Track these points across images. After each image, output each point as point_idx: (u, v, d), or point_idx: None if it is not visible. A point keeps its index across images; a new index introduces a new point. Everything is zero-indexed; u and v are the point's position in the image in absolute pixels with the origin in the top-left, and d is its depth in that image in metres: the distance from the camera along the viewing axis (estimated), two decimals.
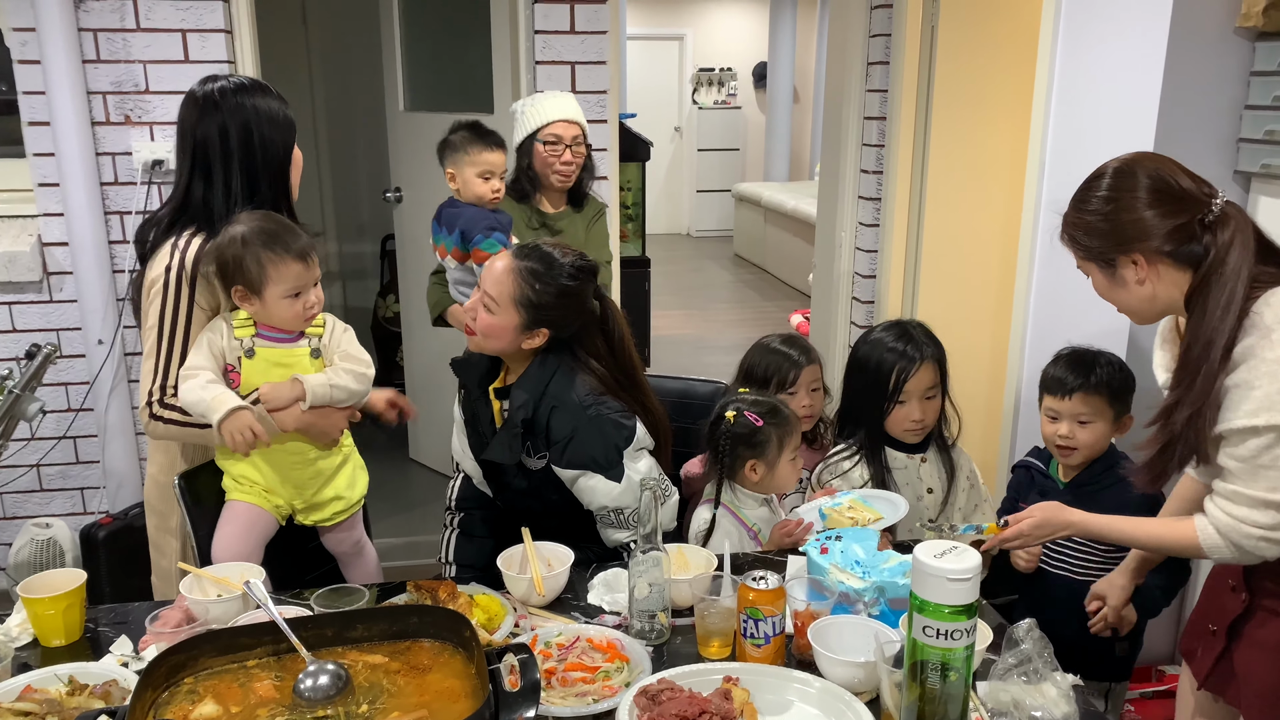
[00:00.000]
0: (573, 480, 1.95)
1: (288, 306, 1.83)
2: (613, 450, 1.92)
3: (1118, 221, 1.54)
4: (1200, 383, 1.47)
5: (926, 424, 2.17)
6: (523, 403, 1.91)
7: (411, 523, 3.58)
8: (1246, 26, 2.19)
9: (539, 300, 1.90)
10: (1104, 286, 1.62)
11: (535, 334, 1.92)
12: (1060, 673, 1.39)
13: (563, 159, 2.70)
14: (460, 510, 2.18)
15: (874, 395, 2.15)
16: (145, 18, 2.86)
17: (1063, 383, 2.08)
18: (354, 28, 4.71)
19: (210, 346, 1.84)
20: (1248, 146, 2.26)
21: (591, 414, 1.91)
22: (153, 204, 2.96)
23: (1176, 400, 1.51)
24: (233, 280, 1.82)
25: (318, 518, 1.98)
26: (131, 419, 3.08)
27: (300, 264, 1.82)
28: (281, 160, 1.97)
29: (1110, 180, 1.56)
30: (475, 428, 2.09)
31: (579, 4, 3.07)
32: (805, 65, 11.13)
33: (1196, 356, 1.48)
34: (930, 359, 2.15)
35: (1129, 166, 1.57)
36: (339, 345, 1.92)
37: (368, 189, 4.92)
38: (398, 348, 4.57)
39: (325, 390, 1.86)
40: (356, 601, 1.61)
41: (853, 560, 1.66)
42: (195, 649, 1.31)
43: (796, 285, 8.00)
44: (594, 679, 1.46)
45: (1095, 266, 1.60)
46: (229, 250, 1.81)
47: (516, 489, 2.03)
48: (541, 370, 1.94)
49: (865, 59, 3.38)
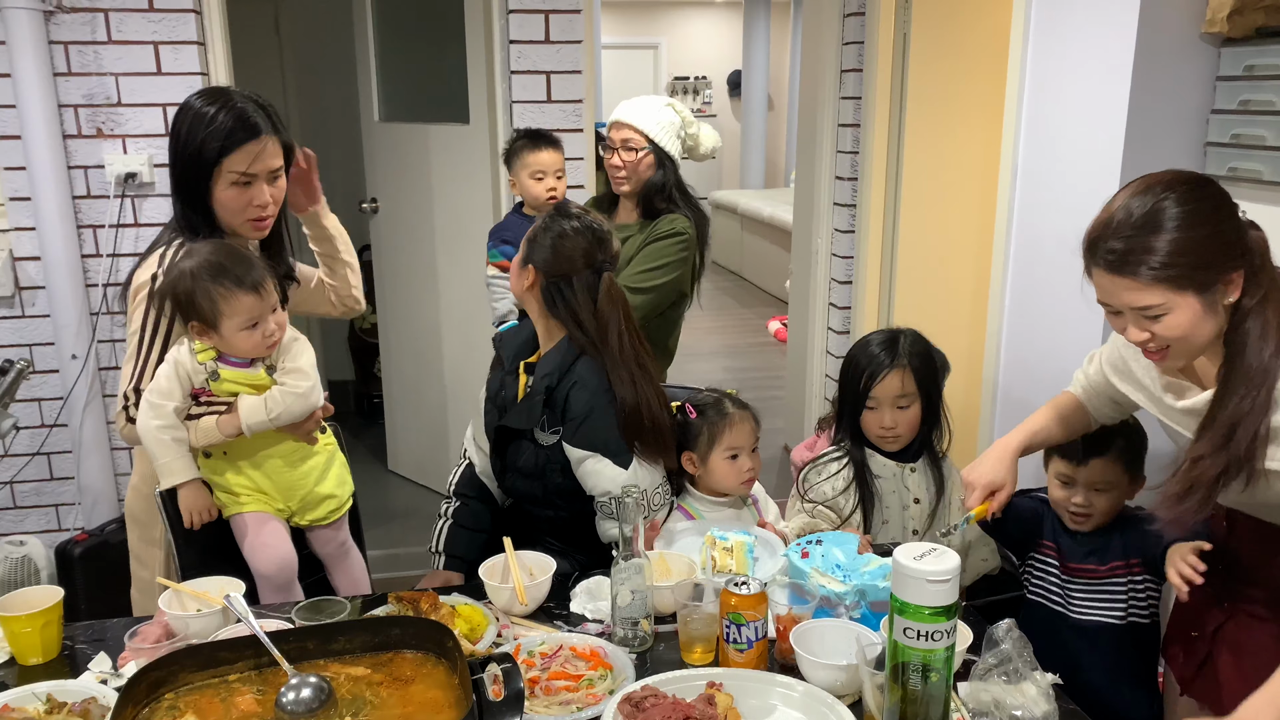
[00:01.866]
0: (580, 461, 1.95)
1: (246, 338, 1.82)
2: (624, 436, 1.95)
3: (1227, 232, 1.38)
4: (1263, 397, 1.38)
5: (899, 433, 2.10)
6: (549, 371, 1.96)
7: (392, 534, 3.56)
8: (1211, 32, 2.23)
9: (538, 234, 2.00)
10: (1195, 317, 1.40)
11: (528, 270, 1.99)
12: (1040, 672, 1.40)
13: (610, 161, 2.70)
14: (457, 498, 2.18)
15: (851, 396, 2.15)
16: (117, 30, 2.84)
17: (1075, 448, 1.89)
18: (328, 39, 4.70)
19: (178, 369, 1.83)
20: (1215, 150, 2.29)
21: (610, 396, 1.95)
22: (126, 218, 2.95)
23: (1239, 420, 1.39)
24: (188, 316, 1.81)
25: (313, 517, 1.99)
26: (107, 434, 3.05)
27: (252, 296, 1.79)
28: (193, 170, 1.87)
29: (1197, 190, 1.40)
30: (499, 404, 2.10)
31: (554, 14, 3.08)
32: (779, 73, 11.20)
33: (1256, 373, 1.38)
34: (905, 367, 2.09)
35: (1193, 176, 1.43)
36: (285, 360, 1.90)
37: (343, 200, 4.87)
38: (375, 359, 4.55)
39: (264, 421, 1.84)
40: (338, 614, 1.60)
41: (833, 564, 1.67)
42: (175, 664, 1.30)
43: (774, 292, 8.04)
44: (578, 687, 1.46)
45: (1192, 295, 1.39)
46: (180, 286, 1.79)
47: (523, 469, 2.04)
48: (569, 349, 1.98)
49: (839, 66, 3.41)
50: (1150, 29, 2.24)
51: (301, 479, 1.95)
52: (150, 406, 1.81)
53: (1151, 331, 1.42)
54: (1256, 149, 2.17)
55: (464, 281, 3.61)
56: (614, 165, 2.69)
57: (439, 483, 3.95)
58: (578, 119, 3.18)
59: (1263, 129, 2.15)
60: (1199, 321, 1.39)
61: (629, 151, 2.67)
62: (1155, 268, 1.37)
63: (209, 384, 1.84)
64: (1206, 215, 1.38)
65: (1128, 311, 1.43)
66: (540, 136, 2.74)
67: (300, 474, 1.95)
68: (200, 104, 1.89)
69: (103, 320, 2.98)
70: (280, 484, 1.94)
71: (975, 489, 1.75)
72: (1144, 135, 2.30)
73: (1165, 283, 1.37)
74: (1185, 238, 1.36)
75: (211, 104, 1.88)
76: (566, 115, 3.14)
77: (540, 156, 2.68)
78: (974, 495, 1.75)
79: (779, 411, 4.42)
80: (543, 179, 2.68)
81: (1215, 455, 1.41)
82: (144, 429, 1.82)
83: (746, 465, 1.99)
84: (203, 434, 1.85)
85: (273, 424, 1.85)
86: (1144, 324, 1.42)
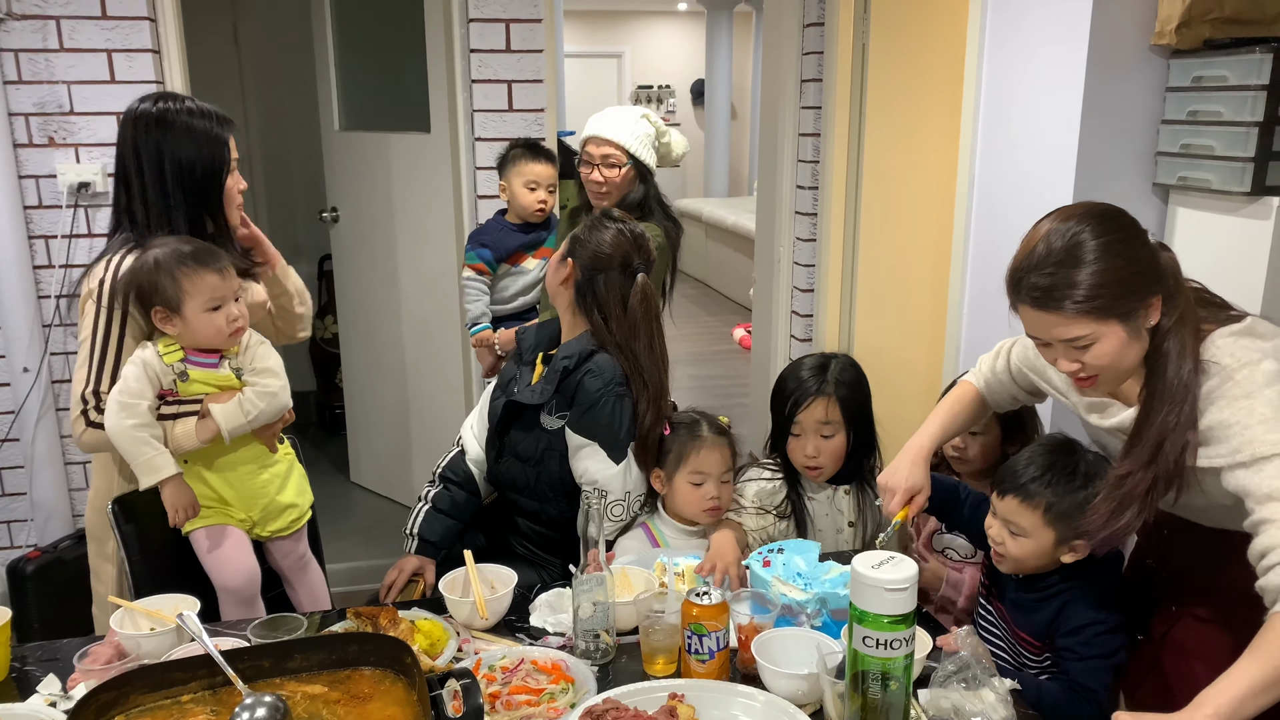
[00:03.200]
0: (578, 448, 1.98)
1: (208, 321, 1.82)
2: (624, 434, 1.98)
3: (1141, 260, 1.44)
4: (1186, 415, 1.44)
5: (821, 463, 2.05)
6: (569, 355, 2.00)
7: (354, 548, 3.52)
8: (1160, 44, 2.27)
9: (580, 230, 2.07)
10: (1121, 344, 1.45)
11: (565, 265, 2.05)
12: (998, 678, 1.41)
13: (591, 177, 2.69)
14: (441, 482, 2.18)
15: (778, 420, 2.12)
16: (69, 38, 2.79)
17: (1003, 478, 1.72)
18: (287, 47, 4.65)
19: (146, 369, 1.82)
20: (1165, 159, 2.33)
21: (620, 391, 1.98)
22: (79, 228, 2.89)
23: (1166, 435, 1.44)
24: (151, 301, 1.82)
25: (275, 527, 1.98)
26: (60, 448, 2.99)
27: (215, 275, 1.83)
28: (201, 178, 1.95)
29: (1112, 221, 1.46)
30: (507, 392, 2.12)
31: (514, 23, 3.08)
32: (742, 82, 11.26)
33: (1178, 391, 1.44)
34: (830, 396, 2.04)
35: (1105, 208, 1.48)
36: (252, 360, 1.92)
37: (304, 209, 4.86)
38: (337, 369, 4.50)
39: (242, 424, 1.86)
40: (294, 631, 1.58)
41: (794, 572, 1.68)
42: (126, 685, 1.27)
43: (738, 299, 8.07)
44: (539, 701, 1.45)
45: (1116, 323, 1.44)
46: (143, 274, 1.82)
47: (521, 454, 2.05)
48: (591, 340, 2.03)
49: (799, 76, 3.44)
50: (1101, 41, 2.28)
51: (263, 488, 1.95)
52: (122, 407, 1.80)
53: (1081, 361, 1.47)
54: (1205, 159, 2.21)
55: (426, 291, 3.58)
56: (595, 181, 2.67)
57: (402, 494, 3.92)
58: (539, 128, 3.17)
59: (1211, 139, 2.19)
60: (1124, 348, 1.45)
61: (610, 168, 2.66)
62: (1079, 301, 1.42)
63: (176, 385, 1.84)
64: (1122, 245, 1.44)
65: (1056, 344, 1.48)
66: (539, 149, 2.82)
67: (262, 483, 1.95)
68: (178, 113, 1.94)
69: (55, 332, 2.93)
70: (243, 493, 1.93)
71: (895, 494, 1.76)
72: (1096, 145, 2.34)
73: (1090, 314, 1.42)
74: (1105, 269, 1.41)
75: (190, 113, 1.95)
76: (528, 124, 3.14)
77: (537, 168, 2.76)
78: (895, 500, 1.75)
79: (744, 419, 4.43)
80: (535, 190, 2.76)
81: (1143, 471, 1.46)
82: (117, 429, 1.80)
83: (711, 493, 1.95)
84: (176, 440, 1.84)
85: (250, 425, 1.87)
86: (1073, 354, 1.47)
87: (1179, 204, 2.35)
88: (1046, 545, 1.64)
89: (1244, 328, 1.48)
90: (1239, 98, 2.12)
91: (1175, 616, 1.68)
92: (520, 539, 2.10)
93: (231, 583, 1.89)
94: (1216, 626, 1.62)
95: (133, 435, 1.80)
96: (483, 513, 2.20)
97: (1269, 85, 2.07)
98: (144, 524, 1.93)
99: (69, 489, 3.02)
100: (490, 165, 3.12)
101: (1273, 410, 1.39)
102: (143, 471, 1.82)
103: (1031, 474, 1.65)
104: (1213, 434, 1.44)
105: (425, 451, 3.69)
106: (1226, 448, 1.42)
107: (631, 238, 2.05)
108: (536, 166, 2.77)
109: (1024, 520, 1.64)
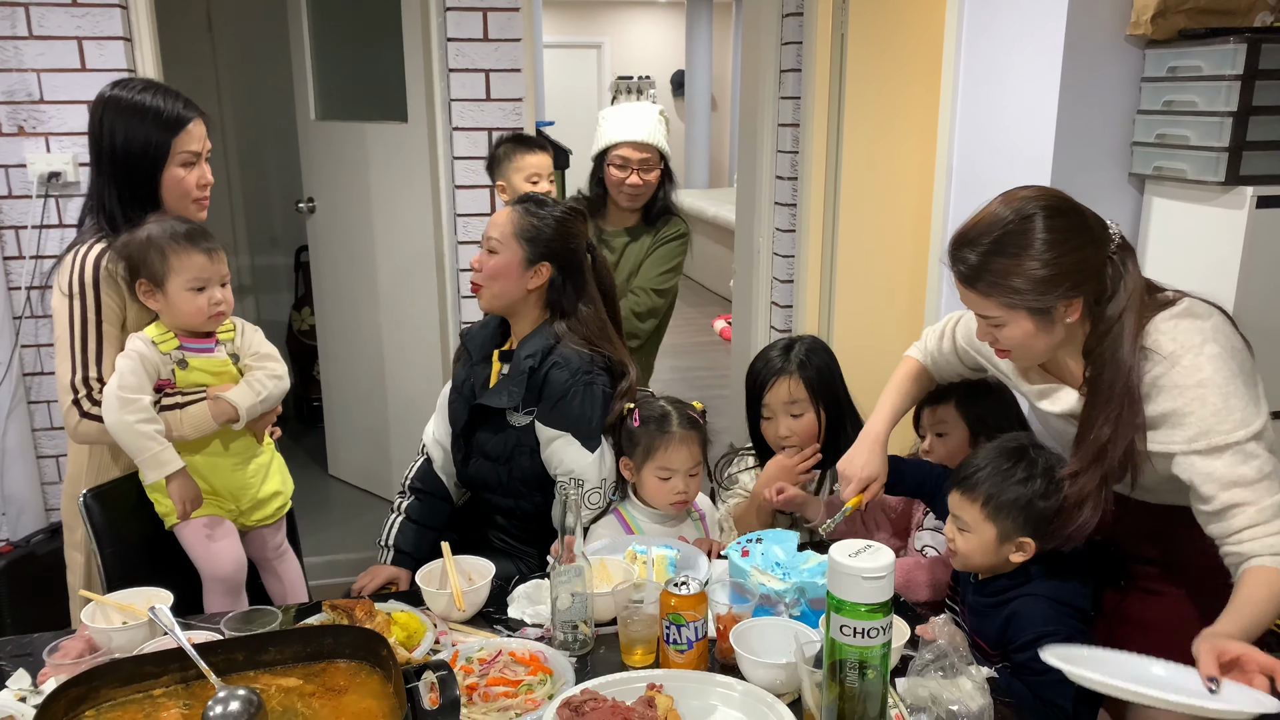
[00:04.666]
0: (550, 441, 1.97)
1: (190, 300, 1.82)
2: (596, 422, 1.97)
3: (1066, 265, 1.47)
4: (1126, 414, 1.49)
5: (794, 442, 2.05)
6: (532, 352, 1.97)
7: (331, 540, 3.50)
8: (1136, 34, 2.28)
9: (539, 228, 1.97)
10: (1025, 335, 1.53)
11: (538, 268, 1.98)
12: (975, 666, 1.42)
13: (629, 181, 2.73)
14: (412, 493, 2.17)
15: (751, 404, 2.12)
16: (38, 25, 2.75)
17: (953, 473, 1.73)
18: (262, 35, 4.60)
19: (143, 362, 1.81)
20: (1141, 150, 2.34)
21: (587, 380, 1.96)
22: (49, 218, 2.85)
23: (1110, 437, 1.50)
24: (137, 273, 1.83)
25: (260, 516, 1.99)
26: (32, 441, 2.95)
27: (204, 257, 1.83)
28: (130, 157, 1.89)
29: (1048, 221, 1.48)
30: (464, 393, 2.09)
31: (492, 11, 3.05)
32: (722, 73, 11.24)
33: (1120, 390, 1.49)
34: (793, 374, 2.05)
35: (1052, 203, 1.50)
36: (250, 346, 1.93)
37: (280, 200, 4.81)
38: (314, 361, 4.47)
39: (256, 405, 1.88)
40: (269, 624, 1.57)
41: (773, 562, 1.68)
42: (97, 679, 1.25)
43: (719, 291, 8.07)
44: (517, 693, 1.45)
45: (1024, 315, 1.51)
46: (133, 245, 1.83)
47: (490, 453, 2.03)
48: (551, 330, 2.00)
49: (778, 66, 3.43)
50: (1078, 31, 2.28)
51: (250, 478, 1.96)
52: (122, 403, 1.78)
53: (995, 336, 1.57)
54: (1180, 148, 2.22)
55: (404, 282, 3.56)
56: (633, 185, 2.73)
57: (380, 487, 3.90)
58: (517, 117, 3.15)
59: (1186, 129, 2.20)
60: (1030, 339, 1.53)
61: (649, 171, 2.74)
62: (991, 284, 1.50)
63: (175, 374, 1.84)
64: (1053, 243, 1.48)
65: (976, 317, 1.59)
66: (528, 139, 2.74)
67: (249, 474, 1.96)
68: (129, 94, 1.91)
69: (26, 324, 2.89)
70: (230, 484, 1.94)
71: (851, 481, 1.81)
72: (1073, 135, 2.35)
73: (998, 301, 1.51)
74: (1025, 265, 1.48)
75: (142, 92, 1.91)
76: (506, 114, 3.11)
77: (533, 159, 2.68)
78: (850, 487, 1.81)
79: (724, 410, 4.42)
80: (538, 182, 2.67)
81: (1091, 470, 1.53)
82: (119, 426, 1.79)
83: (679, 488, 1.93)
84: (192, 422, 1.84)
85: (264, 406, 1.89)
86: (988, 329, 1.58)
87: (1155, 194, 2.36)
88: (989, 540, 1.63)
89: (1182, 310, 1.53)
90: (1214, 88, 2.13)
91: (1125, 591, 1.72)
92: (497, 532, 2.10)
93: (223, 570, 1.90)
94: (1166, 599, 1.67)
95: (136, 431, 1.78)
96: (456, 512, 2.19)
97: (1243, 75, 2.08)
98: (117, 516, 1.91)
99: (41, 483, 2.98)
100: (469, 155, 3.10)
101: (1223, 398, 1.45)
102: (149, 467, 1.81)
103: (974, 467, 1.67)
104: (1165, 420, 1.49)
105: (403, 444, 3.67)
106: (1181, 435, 1.47)
107: (577, 213, 2.05)
108: (532, 158, 2.67)
109: (966, 513, 1.65)
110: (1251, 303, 2.15)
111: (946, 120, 2.71)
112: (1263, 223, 2.10)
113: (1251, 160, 2.12)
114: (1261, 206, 2.10)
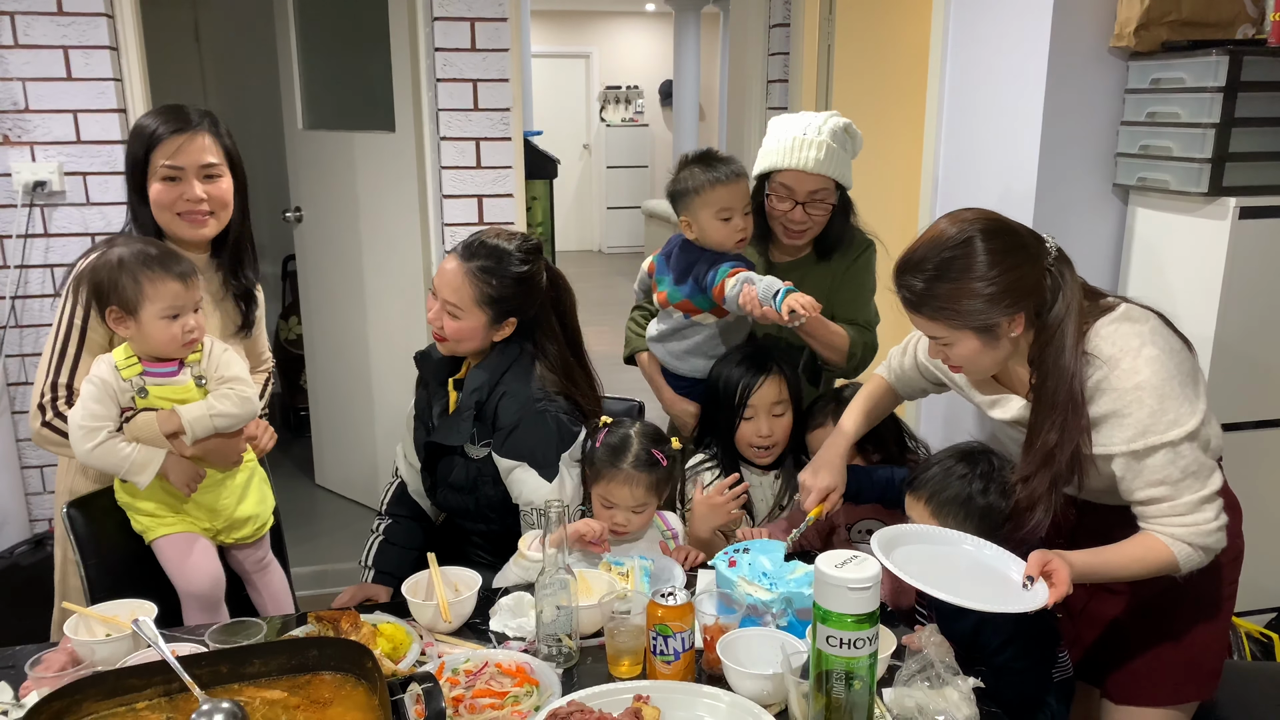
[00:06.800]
0: (508, 471, 1.95)
1: (164, 328, 1.78)
2: (551, 449, 1.94)
3: (1007, 283, 1.52)
4: (1071, 419, 1.54)
5: (775, 440, 2.11)
6: (478, 385, 1.95)
7: (318, 551, 3.48)
8: (1120, 46, 2.30)
9: (499, 294, 1.94)
10: (973, 352, 1.58)
11: (503, 325, 1.97)
12: (961, 676, 1.42)
13: (791, 215, 2.14)
14: (390, 517, 2.16)
15: (726, 409, 2.13)
16: (24, 34, 2.74)
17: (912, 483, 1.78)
18: (249, 44, 4.60)
19: (105, 389, 1.77)
20: (1125, 160, 2.36)
21: (540, 408, 1.94)
22: (35, 227, 2.84)
23: (1057, 441, 1.55)
24: (107, 300, 1.77)
25: (238, 536, 1.95)
26: (16, 451, 2.93)
27: (179, 283, 1.78)
28: (130, 174, 1.95)
29: (986, 243, 1.53)
30: (426, 421, 2.08)
31: (479, 21, 3.06)
32: (710, 83, 11.27)
33: (1064, 396, 1.54)
34: (779, 374, 2.10)
35: (989, 225, 1.55)
36: (218, 369, 1.87)
37: (267, 209, 4.79)
38: (301, 371, 4.45)
39: (206, 422, 1.82)
40: (254, 636, 1.56)
41: (760, 572, 1.68)
42: (79, 692, 1.24)
43: None
44: (503, 704, 1.44)
45: (970, 334, 1.55)
46: (104, 271, 1.77)
47: (454, 483, 2.02)
48: (501, 357, 1.98)
49: (765, 77, 3.45)
50: (1062, 43, 2.30)
51: (225, 499, 1.91)
52: (86, 433, 1.76)
53: (945, 354, 1.63)
54: (1163, 159, 2.24)
55: (391, 291, 3.55)
56: (795, 220, 2.15)
57: (367, 497, 3.88)
58: (505, 127, 3.15)
59: (1169, 140, 2.22)
60: (978, 355, 1.58)
61: (820, 207, 2.15)
62: (936, 309, 1.56)
63: (135, 401, 1.79)
64: (993, 265, 1.52)
65: (926, 336, 1.64)
66: (722, 163, 2.14)
67: (223, 495, 1.91)
68: (143, 116, 1.98)
69: (10, 335, 2.87)
70: (205, 503, 1.90)
71: (812, 492, 1.86)
72: (1058, 146, 2.36)
73: (945, 323, 1.56)
74: (965, 289, 1.52)
75: (151, 115, 1.96)
76: (494, 124, 3.12)
77: (725, 191, 2.10)
78: (811, 498, 1.85)
79: None
80: (730, 219, 2.12)
81: (1040, 474, 1.58)
82: (87, 456, 1.77)
83: (618, 519, 1.91)
84: (135, 431, 1.79)
85: (212, 421, 1.82)
86: (937, 347, 1.64)
87: (1138, 204, 2.38)
88: None
89: (1120, 314, 1.57)
90: (1196, 99, 2.15)
91: (1090, 591, 1.75)
92: (475, 550, 2.09)
93: (198, 587, 1.86)
94: (1127, 596, 1.73)
95: (104, 452, 1.76)
96: (436, 531, 2.18)
97: (1225, 87, 2.10)
98: (101, 528, 1.89)
99: (25, 493, 2.96)
100: (456, 165, 3.10)
101: (1158, 400, 1.50)
102: (134, 473, 1.78)
103: (925, 467, 1.77)
104: (1105, 421, 1.54)
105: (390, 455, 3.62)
106: (1121, 436, 1.53)
107: (527, 253, 1.98)
108: (725, 190, 2.10)
109: (915, 513, 1.74)
110: (1234, 312, 2.16)
111: (932, 132, 2.73)
112: (1246, 233, 2.12)
113: (1234, 171, 2.14)
114: (1244, 217, 2.12)
